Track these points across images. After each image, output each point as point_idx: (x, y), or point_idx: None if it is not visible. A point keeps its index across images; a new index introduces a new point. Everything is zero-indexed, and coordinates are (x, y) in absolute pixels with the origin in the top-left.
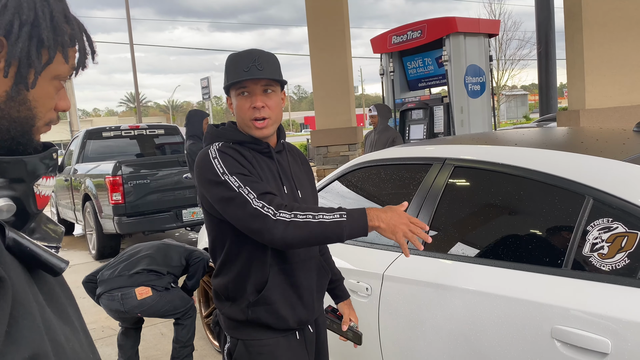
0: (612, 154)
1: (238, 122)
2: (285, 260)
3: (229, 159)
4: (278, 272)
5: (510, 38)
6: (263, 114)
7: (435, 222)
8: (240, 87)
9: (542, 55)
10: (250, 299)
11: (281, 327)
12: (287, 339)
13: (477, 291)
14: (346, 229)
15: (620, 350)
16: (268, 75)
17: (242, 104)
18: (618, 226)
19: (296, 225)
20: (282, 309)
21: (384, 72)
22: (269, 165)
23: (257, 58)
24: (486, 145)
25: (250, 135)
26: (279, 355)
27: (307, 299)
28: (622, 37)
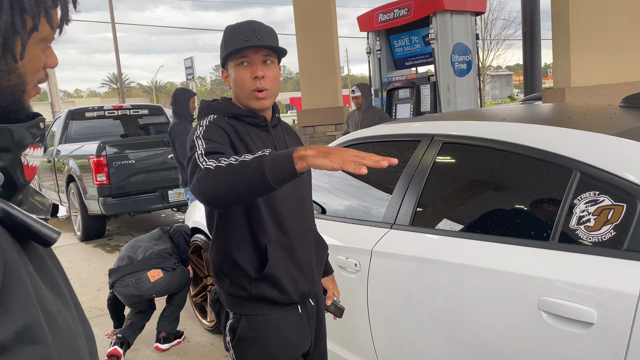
0: (599, 129)
1: (237, 93)
2: (283, 235)
3: (214, 128)
4: (278, 247)
5: (496, 18)
6: (264, 84)
7: (424, 198)
8: (240, 57)
9: (527, 35)
10: (252, 275)
11: (285, 301)
12: (289, 313)
13: (465, 265)
14: (267, 162)
15: (606, 320)
16: (269, 43)
17: (242, 74)
18: (604, 199)
19: (217, 171)
20: (286, 283)
21: (370, 51)
22: (264, 139)
23: (257, 28)
24: (474, 121)
25: (247, 109)
26: (282, 329)
27: (307, 272)
28: (606, 16)
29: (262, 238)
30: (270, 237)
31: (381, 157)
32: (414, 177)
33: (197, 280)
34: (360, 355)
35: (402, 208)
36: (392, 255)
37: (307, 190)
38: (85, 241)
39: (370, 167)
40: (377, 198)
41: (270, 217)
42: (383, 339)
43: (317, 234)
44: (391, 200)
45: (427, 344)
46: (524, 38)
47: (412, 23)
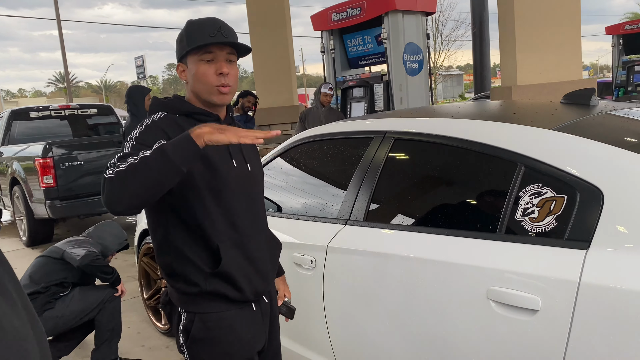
0: (542, 124)
1: (197, 88)
2: (236, 234)
3: (153, 130)
4: (231, 246)
5: (447, 19)
6: (227, 81)
7: (378, 194)
8: (205, 53)
9: (476, 36)
10: (206, 270)
11: (239, 299)
12: (243, 311)
13: (417, 258)
14: (169, 149)
15: (549, 306)
16: (234, 40)
17: (206, 70)
18: (547, 191)
19: (120, 175)
20: (240, 281)
21: (324, 50)
22: None
23: (221, 26)
24: (424, 118)
25: (202, 106)
26: (237, 327)
27: (261, 270)
28: (549, 17)
29: (214, 237)
30: (223, 236)
31: (269, 131)
32: (367, 173)
33: (150, 282)
34: (317, 351)
35: (357, 204)
36: (347, 250)
37: (259, 190)
38: (32, 246)
39: (328, 166)
40: (332, 195)
41: (223, 216)
42: (339, 334)
43: (270, 233)
44: (345, 196)
45: (383, 337)
46: (474, 39)
47: (365, 22)
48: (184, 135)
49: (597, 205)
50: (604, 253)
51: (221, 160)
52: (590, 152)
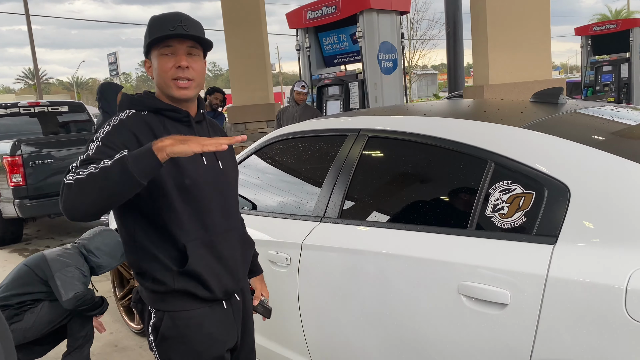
0: (512, 122)
1: (158, 83)
2: (205, 233)
3: (119, 130)
4: (199, 245)
5: (421, 18)
6: (187, 74)
7: (352, 191)
8: (164, 46)
9: (450, 36)
10: (175, 269)
11: (208, 297)
12: (213, 309)
13: (391, 254)
14: (129, 161)
15: (518, 300)
16: (195, 33)
17: (165, 64)
18: (516, 187)
19: (79, 183)
20: (209, 280)
21: (300, 48)
22: (185, 135)
23: (183, 19)
24: (398, 116)
25: (171, 102)
26: (207, 325)
27: (232, 269)
28: (520, 18)
29: (182, 236)
30: (191, 235)
31: (233, 137)
32: (342, 171)
33: (123, 282)
34: (292, 348)
35: (331, 201)
36: (322, 247)
37: (232, 187)
38: (0, 246)
39: (303, 163)
40: (307, 192)
41: (191, 215)
42: (314, 330)
43: (243, 231)
44: (320, 194)
45: (357, 333)
46: (448, 38)
47: (340, 21)
48: (146, 148)
49: (564, 201)
50: (570, 248)
51: (190, 158)
52: (558, 150)
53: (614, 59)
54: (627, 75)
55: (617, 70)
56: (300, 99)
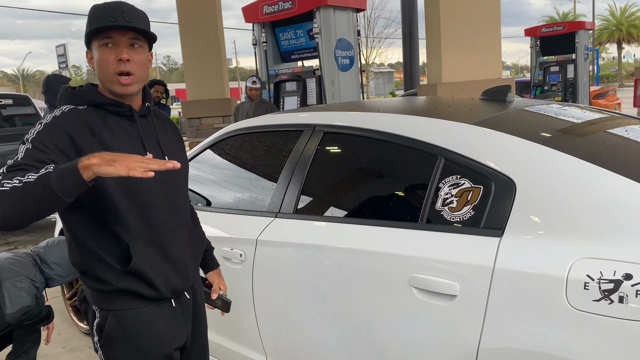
0: (461, 119)
1: (100, 76)
2: (151, 232)
3: (51, 130)
4: (145, 244)
5: (378, 17)
6: (129, 68)
7: (307, 186)
8: (104, 38)
9: (406, 35)
10: (118, 268)
11: (155, 297)
12: (161, 307)
13: (345, 248)
14: (53, 178)
15: (466, 291)
16: (137, 25)
17: (106, 56)
18: (465, 182)
19: (4, 196)
20: (155, 279)
21: (256, 43)
22: (129, 131)
23: (125, 9)
24: (352, 112)
25: (112, 97)
26: (154, 324)
27: (180, 268)
28: (471, 18)
29: (126, 235)
30: (135, 233)
31: (165, 161)
32: (297, 166)
33: (72, 282)
34: (247, 345)
35: (287, 197)
36: (277, 243)
37: (181, 184)
38: None
39: (259, 158)
40: (262, 188)
41: (136, 213)
42: (269, 327)
43: (192, 227)
44: (275, 189)
45: (313, 328)
46: (404, 37)
47: (297, 17)
48: (72, 166)
49: (510, 195)
50: (516, 240)
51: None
52: (505, 145)
53: (561, 59)
54: (573, 76)
55: (563, 71)
56: (253, 94)
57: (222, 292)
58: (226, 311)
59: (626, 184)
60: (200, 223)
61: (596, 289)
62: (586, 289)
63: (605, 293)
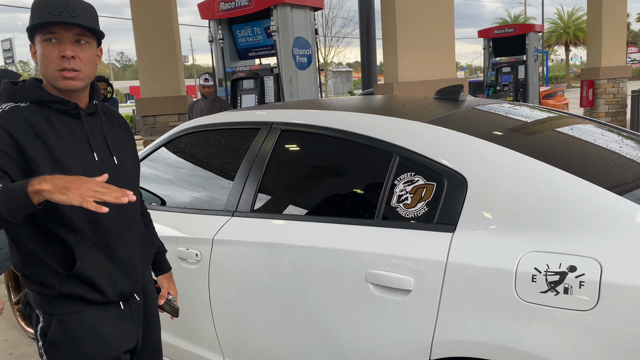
0: (415, 117)
1: (43, 72)
2: (97, 234)
3: None
4: (91, 246)
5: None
6: (73, 65)
7: (265, 184)
8: (48, 33)
9: (363, 34)
10: (62, 272)
11: (101, 300)
12: (108, 309)
13: (303, 246)
14: (1, 197)
15: (421, 286)
16: (82, 22)
17: (49, 52)
18: (419, 179)
19: None
20: (102, 283)
21: (213, 40)
22: (74, 130)
23: (71, 3)
24: (310, 110)
25: (56, 94)
26: (101, 327)
27: (129, 271)
28: (427, 17)
29: (70, 238)
30: (80, 236)
31: (121, 192)
32: (255, 164)
33: (19, 285)
34: (204, 346)
35: (244, 195)
36: (233, 242)
37: (131, 184)
38: None
39: (215, 156)
40: (218, 186)
41: (81, 215)
42: (226, 327)
43: (142, 228)
44: (232, 188)
45: (270, 327)
46: (361, 37)
47: (254, 14)
48: (21, 189)
49: (461, 191)
50: (468, 235)
51: (77, 155)
52: (457, 143)
53: (513, 60)
54: (524, 76)
55: (515, 72)
56: (206, 92)
57: (170, 297)
58: (175, 316)
59: (571, 180)
60: (155, 223)
61: (543, 281)
62: (534, 282)
63: (552, 285)
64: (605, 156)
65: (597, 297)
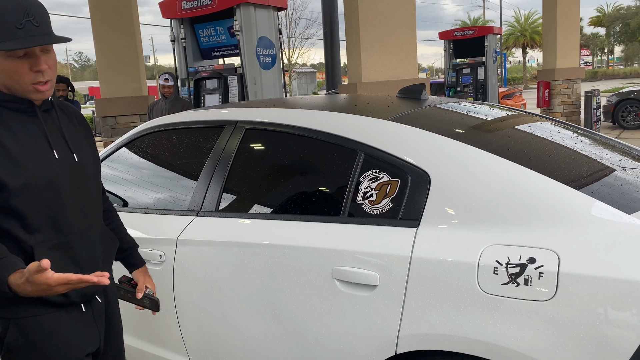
0: (379, 115)
1: (9, 85)
2: (58, 234)
3: None
4: (51, 247)
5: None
6: (47, 77)
7: (230, 183)
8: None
9: (327, 36)
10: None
11: (62, 302)
12: (69, 312)
13: (269, 245)
14: None
15: (386, 281)
16: (51, 36)
17: (19, 67)
18: (383, 176)
19: None
20: None
21: (175, 39)
22: (31, 128)
23: (29, 11)
24: (275, 108)
25: (9, 93)
26: (62, 331)
27: (91, 271)
28: (390, 17)
29: (27, 239)
30: (39, 237)
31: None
32: (219, 163)
33: None
34: (168, 348)
35: (208, 195)
36: (198, 242)
37: (92, 182)
38: None
39: (178, 156)
40: (182, 186)
41: (41, 214)
42: (191, 328)
43: (104, 227)
44: (196, 187)
45: (236, 327)
46: (325, 38)
47: (217, 13)
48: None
49: (425, 187)
50: (432, 230)
51: (37, 154)
52: (419, 140)
53: (472, 62)
54: (483, 77)
55: (475, 73)
56: (167, 92)
57: (148, 290)
58: (156, 310)
59: (530, 175)
60: None
61: (504, 273)
62: (495, 274)
63: (512, 277)
64: (562, 152)
65: (556, 287)
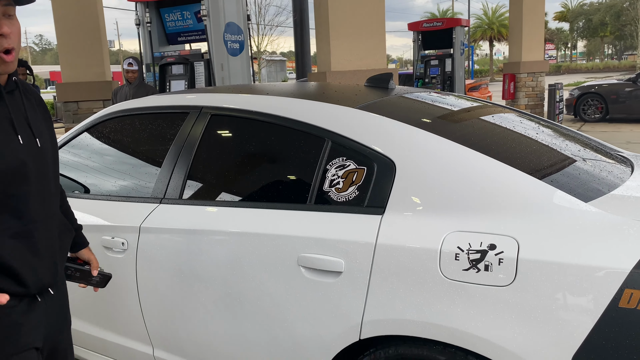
0: (347, 103)
1: None
2: (18, 222)
3: None
4: (11, 236)
5: (269, 4)
6: (12, 43)
7: (194, 170)
8: None
9: (297, 24)
10: None
11: (21, 293)
12: (23, 303)
13: (235, 232)
14: None
15: (351, 267)
16: None
17: None
18: (350, 163)
19: None
20: (23, 274)
21: (140, 23)
22: None
23: None
24: (241, 94)
25: None
26: (16, 319)
27: (49, 261)
28: (358, 7)
29: None
30: (1, 224)
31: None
32: (183, 150)
33: None
34: (132, 337)
35: (172, 182)
36: (162, 230)
37: (53, 169)
38: None
39: (141, 142)
40: (145, 173)
41: (6, 202)
42: (155, 317)
43: (61, 217)
44: (160, 174)
45: (201, 315)
46: (295, 26)
47: None
48: None
49: (390, 175)
50: (396, 217)
51: (1, 139)
52: (386, 128)
53: (440, 54)
54: (451, 69)
55: (442, 64)
56: (131, 77)
57: (100, 267)
58: (102, 287)
59: (493, 164)
60: (77, 211)
61: (465, 259)
62: (457, 260)
63: (473, 262)
64: (524, 143)
65: (515, 273)
